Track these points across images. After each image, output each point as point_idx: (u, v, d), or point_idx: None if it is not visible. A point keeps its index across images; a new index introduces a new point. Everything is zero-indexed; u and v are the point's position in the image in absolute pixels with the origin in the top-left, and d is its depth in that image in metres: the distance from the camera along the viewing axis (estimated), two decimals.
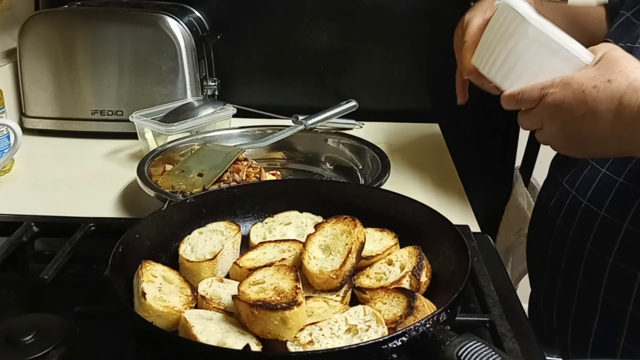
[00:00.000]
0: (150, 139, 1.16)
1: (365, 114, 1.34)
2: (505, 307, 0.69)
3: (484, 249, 0.83)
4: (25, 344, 0.62)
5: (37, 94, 1.31)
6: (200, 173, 0.99)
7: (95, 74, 1.29)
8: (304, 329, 0.58)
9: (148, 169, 1.01)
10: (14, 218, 0.90)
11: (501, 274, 0.80)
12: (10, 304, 0.74)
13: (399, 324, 0.59)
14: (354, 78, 1.40)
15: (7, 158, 1.09)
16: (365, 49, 1.38)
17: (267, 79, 1.42)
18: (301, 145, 1.19)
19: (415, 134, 1.35)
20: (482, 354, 0.51)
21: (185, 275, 0.70)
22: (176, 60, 1.26)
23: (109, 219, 0.94)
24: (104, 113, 1.30)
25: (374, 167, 1.06)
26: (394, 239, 0.74)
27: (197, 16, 1.36)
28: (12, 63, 1.32)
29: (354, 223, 0.70)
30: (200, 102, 1.24)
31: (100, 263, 0.77)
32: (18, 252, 0.82)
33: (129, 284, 0.66)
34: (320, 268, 0.67)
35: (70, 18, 1.29)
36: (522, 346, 0.63)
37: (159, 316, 0.61)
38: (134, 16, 1.28)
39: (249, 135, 1.19)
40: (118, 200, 1.04)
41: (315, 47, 1.38)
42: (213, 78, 1.37)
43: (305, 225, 0.78)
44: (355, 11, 1.36)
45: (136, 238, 0.71)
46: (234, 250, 0.75)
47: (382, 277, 0.69)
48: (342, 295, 0.67)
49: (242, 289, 0.61)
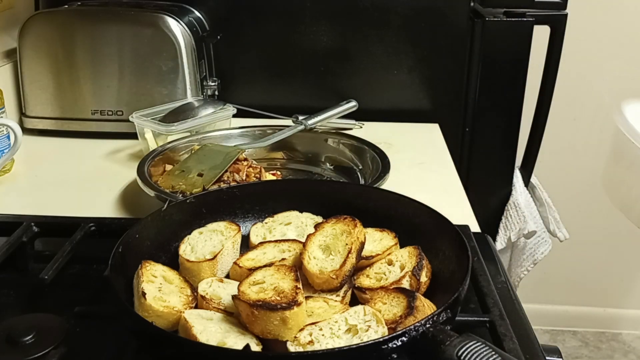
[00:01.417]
0: (150, 139, 1.16)
1: (365, 114, 1.34)
2: (505, 307, 0.69)
3: (484, 249, 0.83)
4: (25, 344, 0.62)
5: (37, 94, 1.31)
6: (200, 173, 0.99)
7: (95, 74, 1.29)
8: (304, 329, 0.58)
9: (148, 169, 1.01)
10: (14, 218, 0.90)
11: (501, 274, 0.80)
12: (10, 304, 0.74)
13: (399, 324, 0.59)
14: (354, 78, 1.39)
15: (7, 158, 1.09)
16: (365, 49, 1.38)
17: (267, 79, 1.42)
18: (301, 145, 1.19)
19: (415, 134, 1.35)
20: (482, 354, 0.51)
21: (185, 275, 0.70)
22: (176, 60, 1.26)
23: (109, 219, 0.94)
24: (104, 113, 1.30)
25: (374, 167, 1.06)
26: (394, 239, 0.74)
27: (197, 16, 1.36)
28: (12, 63, 1.32)
29: (354, 223, 0.70)
30: (200, 102, 1.24)
31: (100, 263, 0.77)
32: (18, 252, 0.82)
33: (129, 284, 0.66)
34: (320, 268, 0.67)
35: (70, 18, 1.29)
36: (522, 346, 0.63)
37: (159, 316, 0.61)
38: (134, 16, 1.28)
39: (249, 135, 1.19)
40: (118, 200, 1.04)
41: (315, 47, 1.38)
42: (213, 78, 1.37)
43: (305, 225, 0.78)
44: (355, 11, 1.36)
45: (136, 238, 0.71)
46: (234, 250, 0.75)
47: (382, 277, 0.69)
48: (342, 295, 0.67)
49: (242, 289, 0.61)
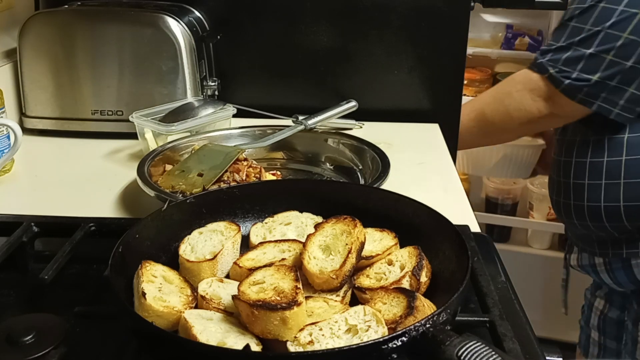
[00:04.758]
0: (150, 139, 1.16)
1: (365, 114, 1.34)
2: (505, 307, 0.69)
3: (484, 249, 0.83)
4: (25, 344, 0.62)
5: (37, 94, 1.31)
6: (200, 173, 0.99)
7: (95, 74, 1.29)
8: (304, 329, 0.58)
9: (148, 169, 1.01)
10: (14, 218, 0.90)
11: (501, 274, 0.80)
12: (10, 304, 0.74)
13: (399, 324, 0.59)
14: (354, 78, 1.39)
15: (7, 158, 1.09)
16: (365, 49, 1.38)
17: (267, 79, 1.42)
18: (301, 145, 1.19)
19: (415, 134, 1.35)
20: (482, 354, 0.51)
21: (185, 275, 0.70)
22: (176, 60, 1.26)
23: (109, 219, 0.94)
24: (104, 113, 1.30)
25: (374, 167, 1.06)
26: (394, 239, 0.74)
27: (197, 16, 1.36)
28: (12, 63, 1.32)
29: (354, 223, 0.70)
30: (200, 102, 1.24)
31: (100, 263, 0.76)
32: (18, 252, 0.82)
33: (129, 284, 0.66)
34: (320, 268, 0.67)
35: (70, 18, 1.29)
36: (522, 346, 0.63)
37: (159, 316, 0.61)
38: (134, 16, 1.28)
39: (249, 135, 1.19)
40: (118, 200, 1.04)
41: (315, 47, 1.38)
42: (213, 78, 1.37)
43: (305, 225, 0.78)
44: (355, 11, 1.36)
45: (136, 238, 0.71)
46: (234, 250, 0.75)
47: (382, 277, 0.69)
48: (342, 295, 0.67)
49: (242, 289, 0.61)
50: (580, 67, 1.20)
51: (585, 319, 1.50)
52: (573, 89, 1.21)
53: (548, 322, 2.08)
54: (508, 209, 2.45)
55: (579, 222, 1.32)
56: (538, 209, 2.39)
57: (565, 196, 1.34)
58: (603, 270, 1.34)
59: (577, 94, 1.21)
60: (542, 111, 1.28)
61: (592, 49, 1.19)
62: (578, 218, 1.32)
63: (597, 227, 1.30)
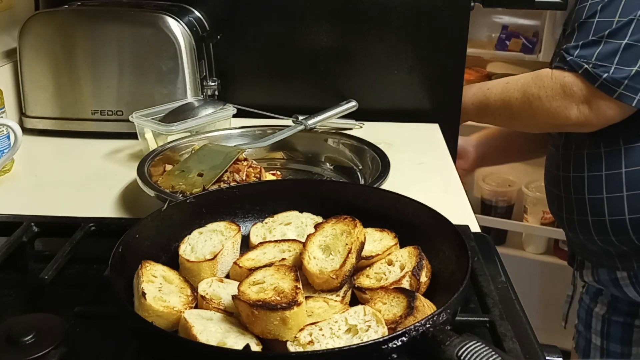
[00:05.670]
0: (150, 139, 1.16)
1: (365, 114, 1.34)
2: (505, 307, 0.69)
3: (484, 249, 0.83)
4: (25, 344, 0.62)
5: (37, 94, 1.31)
6: (200, 173, 0.99)
7: (95, 74, 1.29)
8: (304, 329, 0.58)
9: (148, 169, 1.01)
10: (14, 218, 0.90)
11: (501, 274, 0.80)
12: (10, 304, 0.74)
13: (399, 324, 0.59)
14: (354, 78, 1.39)
15: (7, 158, 1.09)
16: (365, 49, 1.38)
17: (267, 79, 1.42)
18: (301, 145, 1.19)
19: (415, 134, 1.35)
20: (482, 354, 0.51)
21: (185, 275, 0.70)
22: (176, 60, 1.26)
23: (109, 219, 0.94)
24: (104, 113, 1.30)
25: (374, 167, 1.06)
26: (394, 239, 0.74)
27: (197, 16, 1.36)
28: (12, 63, 1.32)
29: (354, 223, 0.70)
30: (200, 102, 1.24)
31: (100, 263, 0.76)
32: (18, 252, 0.82)
33: (129, 284, 0.66)
34: (320, 268, 0.67)
35: (70, 18, 1.29)
36: (522, 346, 0.63)
37: (159, 316, 0.61)
38: (134, 16, 1.28)
39: (249, 135, 1.19)
40: (118, 200, 1.04)
41: (315, 47, 1.38)
42: (213, 78, 1.37)
43: (305, 225, 0.78)
44: (355, 11, 1.36)
45: (136, 238, 0.71)
46: (234, 250, 0.75)
47: (382, 277, 0.69)
48: (342, 295, 0.67)
49: (242, 289, 0.61)
50: (617, 60, 1.13)
51: (584, 324, 1.47)
52: (612, 83, 1.14)
53: (543, 327, 2.08)
54: (503, 212, 2.44)
55: (600, 238, 1.27)
56: (532, 213, 2.38)
57: (579, 213, 1.29)
58: (628, 284, 1.30)
59: (616, 88, 1.14)
60: (579, 118, 1.20)
61: (627, 39, 1.13)
62: (598, 234, 1.27)
63: (622, 240, 1.25)
